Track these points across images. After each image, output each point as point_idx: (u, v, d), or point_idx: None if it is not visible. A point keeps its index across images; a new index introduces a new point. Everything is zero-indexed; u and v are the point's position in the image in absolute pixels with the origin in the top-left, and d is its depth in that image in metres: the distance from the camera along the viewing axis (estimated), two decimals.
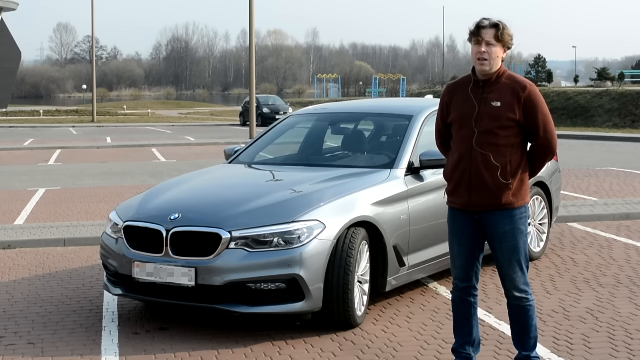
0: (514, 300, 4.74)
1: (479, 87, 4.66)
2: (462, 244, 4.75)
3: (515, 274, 4.68)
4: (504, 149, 4.59)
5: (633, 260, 8.14)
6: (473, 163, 4.62)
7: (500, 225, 4.64)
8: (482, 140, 4.60)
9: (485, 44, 4.56)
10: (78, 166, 19.59)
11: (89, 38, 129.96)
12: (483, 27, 4.56)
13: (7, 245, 9.16)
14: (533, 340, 4.78)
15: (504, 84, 4.62)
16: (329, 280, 5.70)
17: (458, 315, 4.87)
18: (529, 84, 4.62)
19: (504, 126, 4.58)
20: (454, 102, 4.76)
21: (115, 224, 6.24)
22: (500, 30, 4.55)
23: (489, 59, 4.57)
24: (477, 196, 4.63)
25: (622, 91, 40.27)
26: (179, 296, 5.75)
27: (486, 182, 4.60)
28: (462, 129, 4.69)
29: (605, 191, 13.37)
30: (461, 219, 4.74)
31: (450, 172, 4.77)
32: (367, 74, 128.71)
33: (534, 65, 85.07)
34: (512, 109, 4.57)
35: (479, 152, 4.60)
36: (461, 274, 4.79)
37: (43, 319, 6.32)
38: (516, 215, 4.64)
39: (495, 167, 4.59)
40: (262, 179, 6.92)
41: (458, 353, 4.90)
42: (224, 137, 30.45)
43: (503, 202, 4.61)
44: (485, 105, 4.62)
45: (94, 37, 50.95)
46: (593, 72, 55.40)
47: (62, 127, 42.82)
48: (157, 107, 78.06)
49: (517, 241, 4.65)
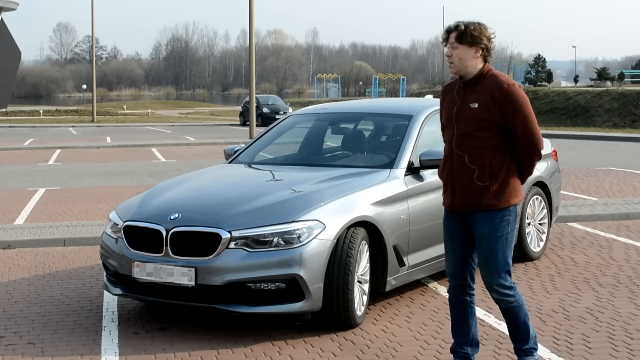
0: (497, 302, 4.78)
1: (462, 88, 4.70)
2: (454, 243, 4.80)
3: (492, 277, 4.66)
4: (483, 151, 4.59)
5: (633, 260, 8.14)
6: (454, 165, 4.68)
7: (480, 226, 4.64)
8: (460, 142, 4.64)
9: (450, 46, 4.62)
10: (78, 166, 19.59)
11: (89, 38, 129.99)
12: (449, 31, 4.63)
13: (7, 245, 9.16)
14: (524, 335, 4.81)
15: (485, 85, 4.61)
16: (329, 280, 5.70)
17: (455, 315, 4.89)
18: (507, 84, 4.56)
19: (481, 128, 4.58)
20: (445, 103, 4.82)
21: (115, 224, 6.24)
22: (461, 32, 4.56)
23: (454, 62, 4.61)
24: (459, 198, 4.67)
25: (622, 91, 40.27)
26: (179, 296, 5.75)
27: (464, 184, 4.64)
28: (447, 130, 4.77)
29: (605, 191, 13.37)
30: (451, 219, 4.80)
31: (440, 173, 4.87)
32: (367, 74, 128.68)
33: (534, 65, 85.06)
34: (489, 110, 4.56)
35: (457, 153, 4.65)
36: (454, 271, 4.82)
37: (43, 319, 6.32)
38: (497, 217, 4.60)
39: (472, 169, 4.60)
40: (262, 179, 6.92)
41: (456, 353, 4.90)
42: (224, 137, 30.45)
43: (483, 204, 4.60)
44: (465, 106, 4.64)
45: (94, 37, 50.96)
46: (593, 72, 55.39)
47: (62, 127, 42.82)
48: (157, 107, 78.06)
49: (494, 244, 4.61)
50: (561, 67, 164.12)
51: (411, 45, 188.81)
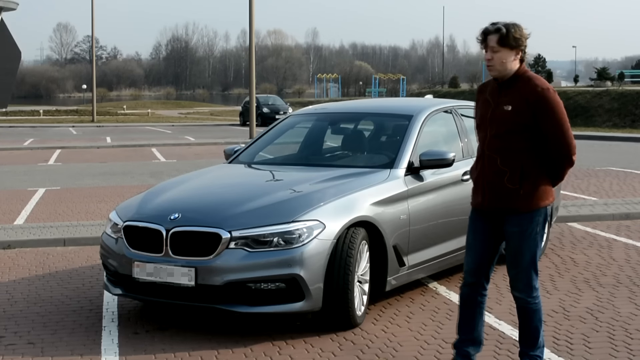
0: (516, 301, 4.77)
1: (496, 90, 4.69)
2: (477, 240, 4.78)
3: (516, 276, 4.68)
4: (515, 154, 4.59)
5: (633, 260, 8.14)
6: (485, 166, 4.68)
7: (509, 225, 4.66)
8: (493, 144, 4.64)
9: (491, 50, 4.57)
10: (78, 166, 19.59)
11: (89, 38, 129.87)
12: (487, 33, 4.58)
13: (7, 245, 9.16)
14: (533, 340, 4.77)
15: (519, 88, 4.60)
16: (329, 280, 5.70)
17: (464, 312, 4.87)
18: (541, 89, 4.55)
19: (514, 130, 4.58)
20: (479, 103, 4.83)
21: (115, 224, 6.24)
22: (503, 35, 4.53)
23: (495, 65, 4.58)
24: (489, 198, 4.67)
25: (622, 91, 40.30)
26: (179, 296, 5.74)
27: (495, 185, 4.63)
28: (480, 131, 4.78)
29: (605, 191, 13.37)
30: (477, 217, 4.80)
31: (471, 173, 4.88)
32: (367, 74, 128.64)
33: (534, 65, 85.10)
34: (522, 114, 4.56)
35: (489, 155, 4.65)
36: (471, 268, 4.81)
37: (43, 319, 6.32)
38: (526, 219, 4.61)
39: (503, 171, 4.60)
40: (262, 179, 6.92)
41: (458, 349, 4.90)
42: (224, 137, 30.45)
43: (512, 206, 4.61)
44: (498, 109, 4.64)
45: (94, 37, 50.95)
46: (593, 72, 55.42)
47: (62, 127, 42.81)
48: (157, 107, 78.05)
49: (522, 244, 4.63)
50: (561, 67, 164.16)
51: (411, 45, 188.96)
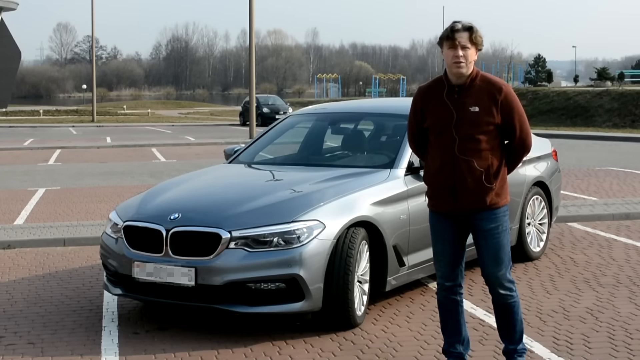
0: (500, 299, 4.76)
1: (454, 92, 4.63)
2: (447, 244, 4.76)
3: (501, 271, 4.70)
4: (486, 153, 4.61)
5: (633, 260, 8.14)
6: (457, 170, 4.61)
7: (486, 224, 4.67)
8: (464, 146, 4.59)
9: (461, 47, 4.53)
10: (78, 166, 19.60)
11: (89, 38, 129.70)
12: (457, 30, 4.54)
13: (7, 245, 9.16)
14: (519, 334, 4.82)
15: (479, 87, 4.60)
16: (329, 280, 5.70)
17: (447, 316, 4.88)
18: (504, 85, 4.62)
19: (484, 131, 4.59)
20: (429, 108, 4.70)
21: (115, 224, 6.24)
22: (474, 33, 4.55)
23: (466, 62, 4.55)
24: (463, 201, 4.64)
25: (622, 91, 40.29)
26: (179, 296, 5.75)
27: (471, 187, 4.61)
28: (441, 136, 4.65)
29: (605, 191, 13.37)
30: (445, 222, 4.75)
31: (432, 178, 4.74)
32: (367, 74, 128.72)
33: (534, 65, 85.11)
34: (491, 113, 4.58)
35: (462, 159, 4.60)
36: (447, 272, 4.80)
37: (43, 319, 6.32)
38: (500, 213, 4.68)
39: (480, 172, 4.60)
40: (262, 179, 6.92)
41: (450, 353, 4.91)
42: (224, 137, 30.45)
43: (488, 204, 4.64)
44: (463, 111, 4.59)
45: (94, 37, 50.97)
46: (593, 72, 55.41)
47: (62, 127, 42.82)
48: (157, 107, 78.04)
49: (501, 238, 4.68)
50: (561, 67, 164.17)
51: (411, 45, 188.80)
